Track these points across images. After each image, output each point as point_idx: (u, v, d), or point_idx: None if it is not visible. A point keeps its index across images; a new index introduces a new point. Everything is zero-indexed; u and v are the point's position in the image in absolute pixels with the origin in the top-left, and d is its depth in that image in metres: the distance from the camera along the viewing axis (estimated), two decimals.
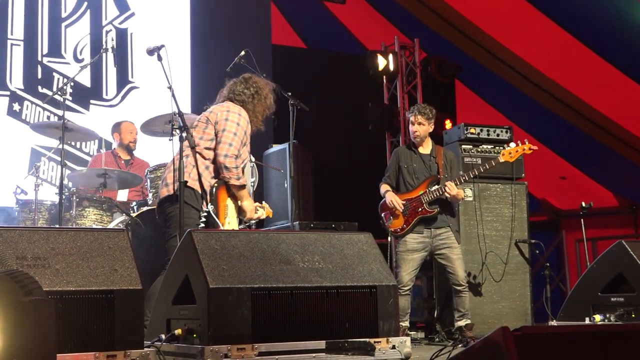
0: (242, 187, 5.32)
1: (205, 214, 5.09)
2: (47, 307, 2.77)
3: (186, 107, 8.68)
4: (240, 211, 5.39)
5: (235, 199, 5.36)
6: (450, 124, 8.44)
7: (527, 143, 6.75)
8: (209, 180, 5.25)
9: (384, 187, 6.91)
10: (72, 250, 3.53)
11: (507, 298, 7.50)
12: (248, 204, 5.40)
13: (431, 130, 6.89)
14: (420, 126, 6.80)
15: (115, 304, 3.46)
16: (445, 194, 6.52)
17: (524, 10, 9.25)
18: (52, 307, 2.80)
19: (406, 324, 6.57)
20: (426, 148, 6.88)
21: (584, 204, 7.60)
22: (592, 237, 8.91)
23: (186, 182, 5.05)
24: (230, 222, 5.26)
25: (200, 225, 5.06)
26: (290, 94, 6.68)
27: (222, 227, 5.10)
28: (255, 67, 6.62)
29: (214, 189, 5.19)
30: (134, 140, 7.79)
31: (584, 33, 9.07)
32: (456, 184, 6.55)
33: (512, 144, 6.85)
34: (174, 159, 5.21)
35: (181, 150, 4.93)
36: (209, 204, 5.13)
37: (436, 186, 6.63)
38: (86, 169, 7.38)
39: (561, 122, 10.14)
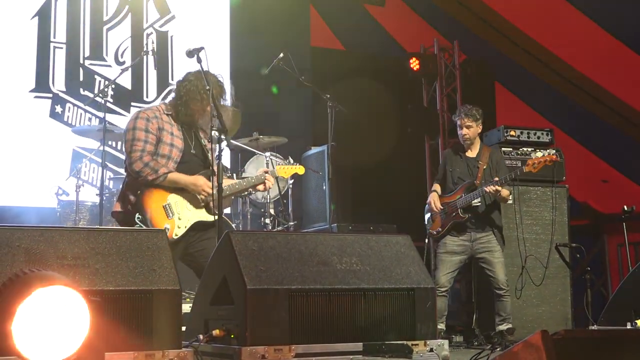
0: (166, 176, 5.07)
1: (137, 225, 4.95)
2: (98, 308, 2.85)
3: None
4: (193, 198, 5.12)
5: (181, 191, 5.13)
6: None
7: (550, 154, 6.77)
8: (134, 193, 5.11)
9: (433, 187, 7.00)
10: (112, 250, 3.56)
11: (547, 302, 7.42)
12: (188, 182, 5.11)
13: (480, 130, 6.86)
14: (468, 129, 6.75)
15: (154, 304, 3.48)
16: (488, 192, 6.43)
17: (564, 11, 9.14)
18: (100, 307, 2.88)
19: (442, 326, 6.51)
20: (473, 151, 6.83)
21: (626, 208, 7.47)
22: (635, 242, 8.76)
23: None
24: (181, 216, 5.06)
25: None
26: (328, 96, 6.69)
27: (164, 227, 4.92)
28: (293, 69, 6.65)
29: (138, 197, 5.06)
30: None
31: (627, 35, 8.94)
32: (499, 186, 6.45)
33: (539, 153, 6.83)
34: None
35: (219, 151, 4.96)
36: (137, 213, 4.99)
37: (471, 193, 6.59)
38: None
39: (603, 125, 10.00)
